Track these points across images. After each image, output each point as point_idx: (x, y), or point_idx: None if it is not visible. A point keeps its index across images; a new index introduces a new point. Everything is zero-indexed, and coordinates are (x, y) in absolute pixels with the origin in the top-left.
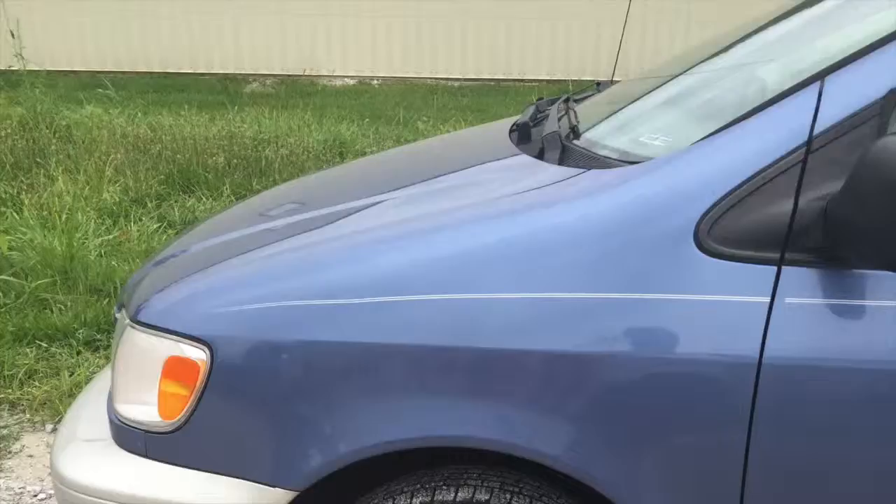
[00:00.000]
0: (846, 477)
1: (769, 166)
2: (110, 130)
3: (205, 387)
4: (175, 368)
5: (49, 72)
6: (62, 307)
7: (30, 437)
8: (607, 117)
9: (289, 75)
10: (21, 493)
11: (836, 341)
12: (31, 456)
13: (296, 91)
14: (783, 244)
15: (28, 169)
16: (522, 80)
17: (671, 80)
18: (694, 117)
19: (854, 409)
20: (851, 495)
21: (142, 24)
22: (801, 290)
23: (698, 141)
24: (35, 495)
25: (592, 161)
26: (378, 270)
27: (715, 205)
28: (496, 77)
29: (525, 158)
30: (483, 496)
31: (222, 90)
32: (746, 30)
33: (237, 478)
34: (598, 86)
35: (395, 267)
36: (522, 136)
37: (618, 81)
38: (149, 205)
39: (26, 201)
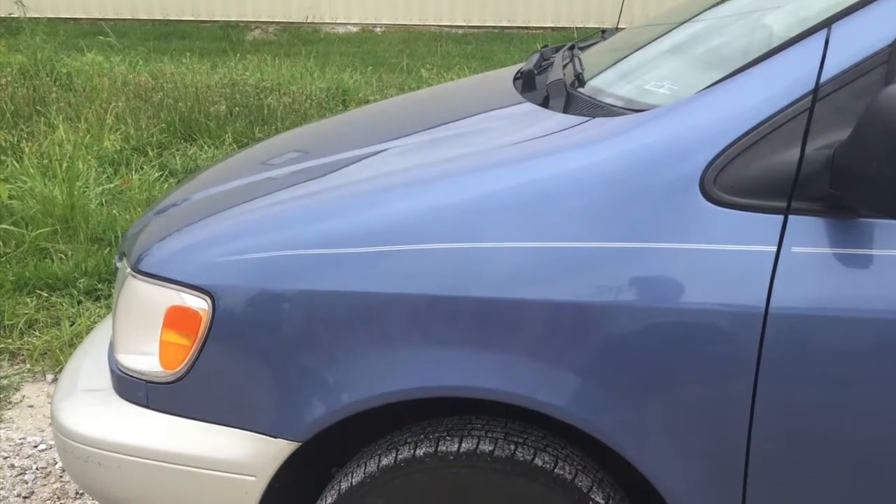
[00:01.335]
0: (852, 426)
1: (776, 114)
2: (111, 78)
3: (206, 336)
4: (176, 318)
5: (49, 19)
6: (63, 256)
7: (30, 388)
8: (612, 65)
9: (291, 22)
10: (21, 443)
11: (842, 290)
12: (31, 406)
13: (298, 38)
14: (789, 193)
15: (28, 117)
16: (527, 28)
17: (677, 27)
18: (700, 65)
19: (860, 358)
20: (857, 444)
21: None
22: (808, 239)
23: (704, 89)
24: (35, 446)
25: (597, 109)
26: (381, 219)
27: (721, 153)
28: (500, 24)
29: (529, 106)
30: (487, 447)
31: (224, 38)
32: None
33: (239, 428)
34: (604, 33)
35: (397, 215)
36: (527, 83)
37: (623, 29)
38: (150, 153)
39: (26, 150)
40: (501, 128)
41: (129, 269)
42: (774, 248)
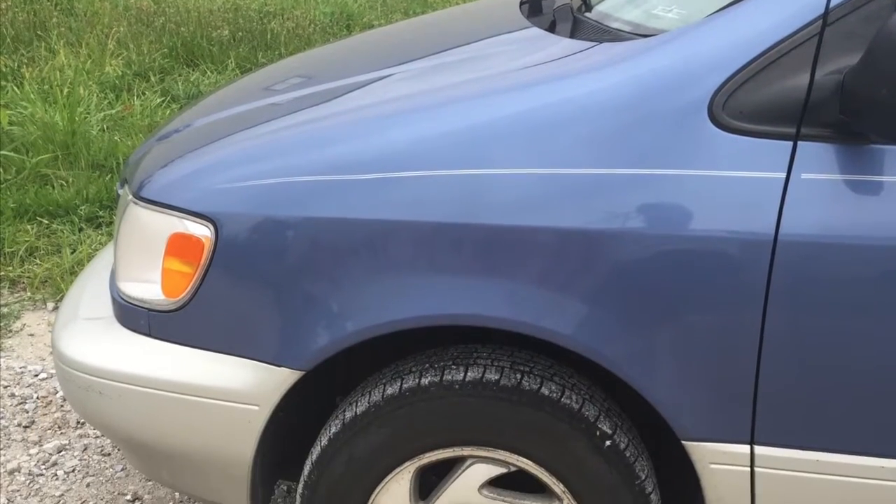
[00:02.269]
0: (862, 353)
1: (785, 39)
2: (112, 2)
3: (209, 264)
4: (179, 245)
5: None
6: (63, 183)
7: (31, 316)
8: None
9: None
10: (22, 372)
11: (852, 217)
12: (31, 335)
13: None
14: (799, 119)
15: (29, 42)
16: None
17: None
18: None
19: (870, 285)
20: (866, 371)
21: None
22: (818, 165)
23: (713, 13)
24: (36, 375)
25: (604, 34)
26: (386, 145)
27: (729, 79)
28: None
29: (536, 31)
30: (493, 376)
31: None
32: None
33: (242, 357)
34: None
35: (403, 142)
36: (533, 8)
37: None
38: (152, 79)
39: (27, 75)
40: (508, 53)
41: (130, 196)
42: (784, 175)
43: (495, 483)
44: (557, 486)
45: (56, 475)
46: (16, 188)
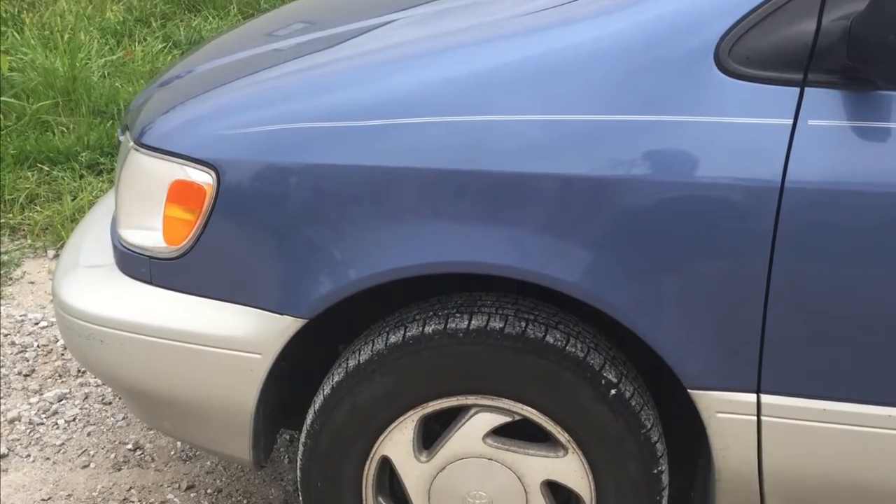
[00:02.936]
0: (870, 302)
1: None
2: None
3: (211, 211)
4: (180, 192)
5: None
6: (64, 129)
7: (31, 264)
8: None
9: None
10: (22, 320)
11: (859, 164)
12: (32, 283)
13: None
14: (806, 65)
15: None
16: None
17: None
18: None
19: (877, 232)
20: (875, 320)
21: None
22: (825, 111)
23: None
24: (37, 323)
25: None
26: (389, 91)
27: (736, 24)
28: None
29: None
30: (497, 324)
31: None
32: None
33: (244, 305)
34: None
35: (406, 88)
36: None
37: None
38: (153, 24)
39: (27, 20)
40: None
41: (131, 143)
42: (790, 121)
43: (499, 432)
44: (562, 435)
45: (57, 424)
46: (16, 135)
